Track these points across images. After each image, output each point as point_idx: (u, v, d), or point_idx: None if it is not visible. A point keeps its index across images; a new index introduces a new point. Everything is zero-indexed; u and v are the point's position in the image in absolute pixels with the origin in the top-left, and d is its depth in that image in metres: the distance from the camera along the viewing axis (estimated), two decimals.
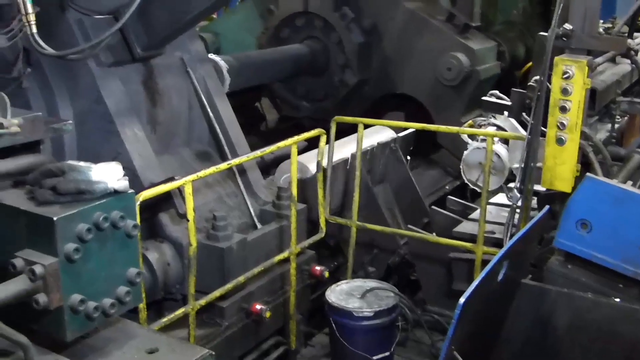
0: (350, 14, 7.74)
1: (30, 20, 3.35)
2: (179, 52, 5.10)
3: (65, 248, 2.57)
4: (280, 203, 4.97)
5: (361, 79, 7.95)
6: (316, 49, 7.94)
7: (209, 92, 5.20)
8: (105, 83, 4.47)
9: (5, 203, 2.73)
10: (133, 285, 2.86)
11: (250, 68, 6.85)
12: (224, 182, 5.03)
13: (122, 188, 2.76)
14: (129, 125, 4.52)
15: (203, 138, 5.20)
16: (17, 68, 4.05)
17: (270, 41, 8.18)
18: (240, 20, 8.85)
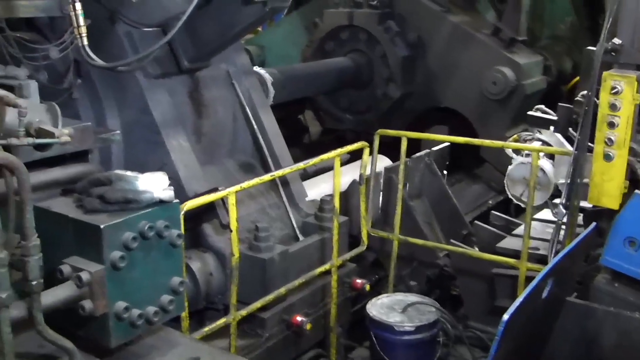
0: (395, 28, 7.74)
1: (82, 33, 3.43)
2: (225, 64, 5.16)
3: (111, 256, 2.62)
4: (323, 215, 4.97)
5: (405, 93, 7.93)
6: (360, 62, 7.96)
7: (254, 104, 5.25)
8: (153, 94, 4.55)
9: (54, 210, 2.79)
10: (176, 294, 2.89)
11: (295, 81, 6.89)
12: (266, 194, 5.06)
13: (167, 198, 2.79)
14: (175, 136, 4.58)
15: (247, 149, 5.24)
16: (68, 79, 4.14)
17: (315, 54, 8.22)
18: (285, 33, 8.92)
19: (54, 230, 2.74)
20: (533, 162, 4.80)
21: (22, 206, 2.46)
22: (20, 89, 3.15)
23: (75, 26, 3.42)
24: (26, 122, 2.57)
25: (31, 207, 2.47)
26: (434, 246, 5.54)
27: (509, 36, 7.56)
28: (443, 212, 6.20)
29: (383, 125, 6.18)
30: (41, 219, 2.56)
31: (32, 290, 2.47)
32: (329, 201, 4.95)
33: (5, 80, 3.32)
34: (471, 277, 5.50)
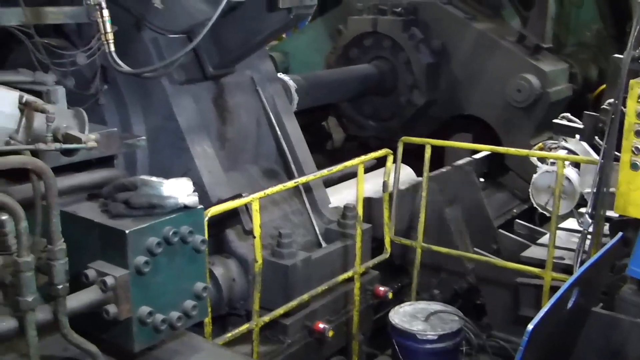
0: (419, 35, 7.73)
1: (109, 39, 3.47)
2: (249, 70, 5.18)
3: (135, 261, 2.63)
4: (345, 222, 4.96)
5: (429, 100, 7.91)
6: (384, 69, 7.95)
7: (277, 110, 5.26)
8: (178, 100, 4.58)
9: (80, 215, 2.82)
10: (200, 300, 2.90)
11: (319, 87, 6.90)
12: (290, 200, 5.06)
13: (191, 204, 2.81)
14: (199, 142, 4.61)
15: (270, 156, 5.24)
16: (95, 85, 4.18)
17: (339, 61, 8.24)
18: (309, 40, 8.95)
19: (79, 234, 2.76)
20: (558, 171, 4.76)
21: (49, 210, 2.48)
22: (48, 94, 3.19)
23: (103, 32, 3.45)
24: (54, 127, 2.60)
25: (58, 212, 2.49)
26: (458, 255, 5.51)
27: (534, 43, 7.52)
28: (475, 223, 6.12)
29: (406, 133, 6.16)
30: (67, 224, 2.59)
31: (58, 294, 2.49)
32: (352, 208, 4.94)
33: (33, 86, 3.37)
34: (495, 286, 5.46)
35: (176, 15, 4.74)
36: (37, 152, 2.61)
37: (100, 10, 3.39)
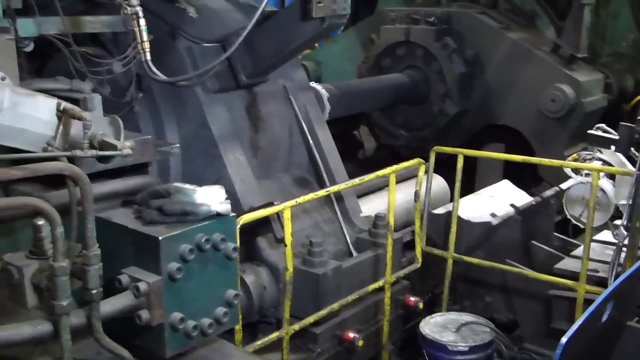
0: (452, 44, 7.70)
1: (145, 48, 3.52)
2: (282, 79, 5.21)
3: (168, 267, 2.66)
4: (377, 231, 4.95)
5: (461, 109, 7.87)
6: (417, 78, 7.93)
7: (310, 119, 5.28)
8: (211, 109, 4.62)
9: (114, 221, 2.85)
10: (231, 307, 2.91)
11: (351, 96, 6.91)
12: (321, 209, 5.07)
13: (224, 211, 2.83)
14: (232, 150, 4.64)
15: (302, 164, 5.26)
16: (130, 93, 4.24)
17: (371, 70, 8.23)
18: (342, 49, 8.97)
19: (113, 240, 2.79)
20: (593, 182, 4.70)
21: (84, 216, 2.52)
22: (85, 102, 3.24)
23: (139, 41, 3.51)
24: (90, 134, 2.64)
25: (93, 218, 2.53)
26: (491, 266, 5.45)
27: (569, 53, 7.45)
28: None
29: (439, 142, 6.14)
30: (101, 229, 2.62)
31: (92, 298, 2.52)
32: (383, 217, 4.93)
33: (71, 94, 3.43)
34: (527, 298, 5.40)
35: (211, 24, 4.79)
36: (74, 159, 2.65)
37: (137, 20, 3.44)
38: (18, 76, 2.96)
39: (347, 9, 4.43)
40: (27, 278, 2.63)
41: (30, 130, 2.62)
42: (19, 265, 2.63)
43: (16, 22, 3.35)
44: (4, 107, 2.53)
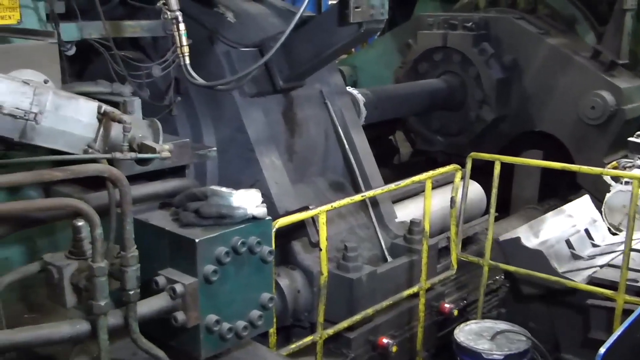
0: (490, 50, 7.64)
1: (184, 52, 3.55)
2: (319, 84, 5.22)
3: (204, 269, 2.68)
4: (412, 237, 4.93)
5: (498, 116, 7.80)
6: (453, 84, 7.88)
7: (346, 123, 5.28)
8: (248, 113, 4.65)
9: (152, 223, 2.88)
10: (265, 310, 2.92)
11: (387, 101, 6.89)
12: (356, 213, 5.06)
13: (260, 214, 2.84)
14: (268, 154, 4.67)
15: (338, 168, 5.27)
16: (169, 97, 4.28)
17: (408, 75, 8.21)
18: (378, 54, 8.95)
19: (151, 242, 2.83)
20: (633, 190, 4.62)
21: (122, 218, 2.55)
22: (125, 105, 3.29)
23: (178, 45, 3.54)
24: (130, 137, 2.67)
25: (131, 219, 2.56)
26: (527, 274, 5.40)
27: (610, 59, 7.33)
28: None
29: (475, 148, 6.10)
30: (139, 231, 2.65)
31: (129, 299, 2.55)
32: (418, 223, 4.90)
33: (111, 97, 3.48)
34: (564, 307, 5.32)
35: (248, 29, 4.82)
36: (113, 161, 2.69)
37: (177, 24, 3.47)
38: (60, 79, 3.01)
39: (384, 14, 4.42)
40: (66, 278, 2.66)
41: (72, 132, 2.66)
42: (58, 265, 2.67)
43: (59, 27, 3.41)
44: (47, 109, 2.57)
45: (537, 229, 5.58)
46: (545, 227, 5.64)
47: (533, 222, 5.56)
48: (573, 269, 5.37)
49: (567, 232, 5.63)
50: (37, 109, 2.53)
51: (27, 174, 2.53)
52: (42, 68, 2.88)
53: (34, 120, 2.53)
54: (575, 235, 5.65)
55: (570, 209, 5.91)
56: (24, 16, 3.35)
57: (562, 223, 5.75)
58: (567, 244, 5.61)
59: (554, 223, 5.71)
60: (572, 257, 5.57)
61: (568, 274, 5.19)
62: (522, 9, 8.25)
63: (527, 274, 5.40)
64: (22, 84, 2.54)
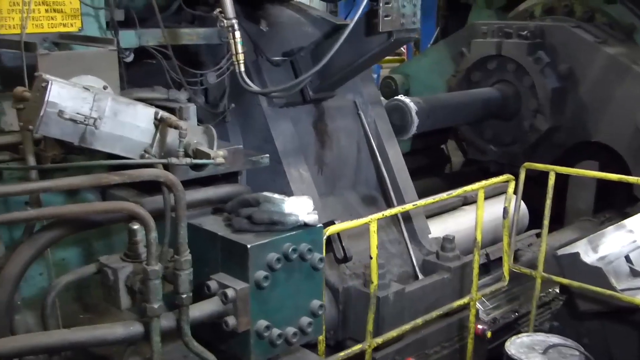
0: (545, 58, 7.52)
1: (240, 60, 3.58)
2: (352, 94, 5.10)
3: (256, 275, 2.71)
4: (445, 254, 4.74)
5: (553, 125, 7.66)
6: (507, 93, 7.78)
7: (379, 135, 5.15)
8: (276, 123, 4.56)
9: (205, 228, 2.93)
10: (315, 317, 2.94)
11: (440, 110, 6.83)
12: (387, 228, 4.90)
13: (311, 221, 2.86)
14: (295, 166, 4.56)
15: (370, 182, 5.13)
16: (223, 104, 4.31)
17: (461, 84, 8.14)
18: (431, 62, 8.89)
19: (203, 246, 2.87)
20: None
21: (177, 222, 2.60)
22: (181, 111, 3.34)
23: (234, 53, 3.57)
24: (185, 143, 2.72)
25: (185, 224, 2.61)
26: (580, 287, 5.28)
27: None
28: None
29: (529, 159, 6.01)
30: (192, 235, 2.70)
31: (182, 302, 2.59)
32: (451, 239, 4.74)
33: (168, 103, 3.54)
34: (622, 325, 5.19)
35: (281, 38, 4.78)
36: (169, 166, 2.74)
37: (233, 32, 3.51)
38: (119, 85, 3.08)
39: (416, 23, 4.28)
40: (121, 280, 2.72)
41: (129, 137, 2.72)
42: (114, 267, 2.73)
43: (119, 34, 3.49)
44: (106, 115, 2.63)
45: (596, 243, 5.44)
46: (604, 242, 5.50)
47: (592, 237, 5.43)
48: (632, 286, 5.23)
49: (627, 248, 5.48)
50: (96, 114, 2.60)
51: (86, 178, 2.60)
52: (101, 74, 2.96)
53: (94, 125, 2.59)
54: (635, 251, 5.50)
55: (631, 224, 5.75)
56: (85, 24, 3.45)
57: (622, 238, 5.60)
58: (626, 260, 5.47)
59: (613, 238, 5.57)
60: (632, 274, 5.43)
61: (627, 292, 5.06)
62: (579, 18, 8.10)
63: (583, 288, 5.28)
64: (83, 90, 2.60)
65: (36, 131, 2.58)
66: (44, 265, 3.32)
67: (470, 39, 8.10)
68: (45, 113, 2.52)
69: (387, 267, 4.39)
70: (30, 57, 3.02)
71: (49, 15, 3.34)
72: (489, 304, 5.26)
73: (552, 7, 8.29)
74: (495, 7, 9.14)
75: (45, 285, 3.31)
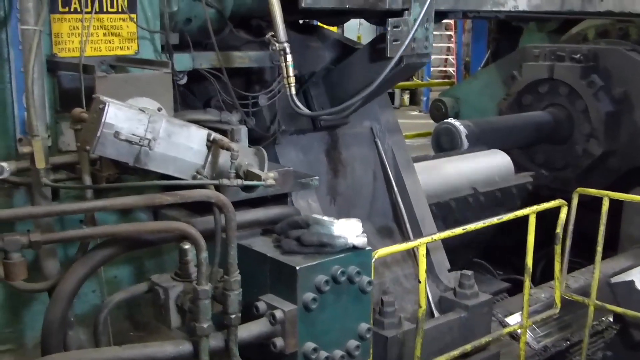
0: (599, 82, 7.41)
1: (291, 83, 3.60)
2: (368, 121, 4.98)
3: (304, 297, 2.71)
4: (463, 291, 4.38)
5: (607, 150, 7.52)
6: (560, 116, 7.68)
7: (397, 164, 5.01)
8: (284, 151, 4.45)
9: (254, 249, 2.95)
10: (363, 341, 2.92)
11: (490, 134, 6.78)
12: (403, 262, 4.74)
13: (360, 244, 2.86)
14: (303, 195, 4.36)
15: (387, 212, 4.97)
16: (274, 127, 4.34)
17: (512, 107, 8.06)
18: (482, 85, 8.84)
19: (252, 267, 2.89)
20: None
21: (227, 243, 2.62)
22: (232, 133, 3.39)
23: (285, 76, 3.61)
24: (237, 164, 2.75)
25: (235, 244, 2.63)
26: (635, 316, 5.14)
27: None
28: None
29: (581, 184, 5.90)
30: (242, 256, 2.72)
31: (231, 323, 2.61)
32: (470, 276, 4.42)
33: (220, 125, 3.59)
34: None
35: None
36: (220, 187, 2.77)
37: (285, 55, 3.54)
38: (173, 107, 3.14)
39: (428, 47, 4.10)
40: (172, 299, 2.76)
41: (182, 158, 2.77)
42: (165, 286, 2.77)
43: (173, 57, 3.57)
44: (160, 136, 2.69)
45: None
46: None
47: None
48: None
49: None
50: (151, 136, 2.65)
51: (140, 198, 2.65)
52: (156, 96, 3.02)
53: (148, 146, 2.64)
54: None
55: None
56: (141, 47, 3.54)
57: None
58: None
59: None
60: None
61: None
62: (634, 41, 7.98)
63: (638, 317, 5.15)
64: (139, 112, 2.66)
65: (93, 151, 2.64)
66: (96, 282, 3.38)
67: (522, 62, 8.04)
68: (102, 134, 2.58)
69: (401, 303, 4.22)
70: (88, 79, 3.10)
71: (106, 38, 3.43)
72: (540, 332, 5.14)
73: (606, 30, 8.18)
74: (547, 30, 9.05)
75: (97, 302, 3.38)
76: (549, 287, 5.47)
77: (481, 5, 4.67)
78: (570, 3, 5.40)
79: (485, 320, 4.46)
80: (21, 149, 3.05)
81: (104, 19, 3.39)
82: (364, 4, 3.95)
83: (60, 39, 3.27)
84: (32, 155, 2.88)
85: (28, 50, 2.86)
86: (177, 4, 3.66)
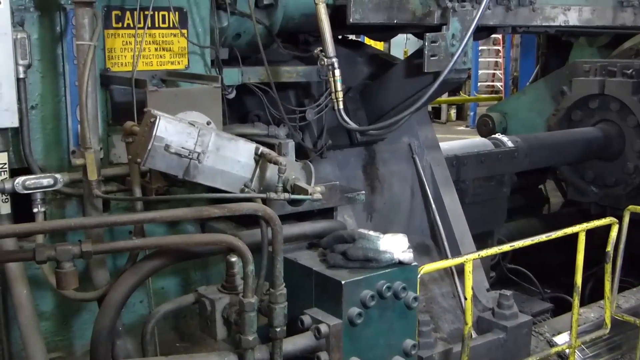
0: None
1: (339, 98, 3.61)
2: (407, 137, 4.96)
3: (349, 311, 2.71)
4: (501, 312, 4.36)
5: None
6: (610, 132, 7.54)
7: (435, 181, 4.97)
8: (319, 166, 4.38)
9: (300, 262, 2.96)
10: (408, 357, 2.90)
11: (539, 150, 6.69)
12: (440, 281, 4.69)
13: (406, 260, 2.85)
14: (340, 211, 4.19)
15: (424, 229, 4.93)
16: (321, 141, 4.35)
17: (561, 123, 7.94)
18: (530, 101, 8.75)
19: (298, 281, 2.90)
20: None
21: (273, 256, 2.64)
22: (280, 147, 3.41)
23: (333, 91, 3.61)
24: (284, 178, 2.77)
25: (281, 258, 2.65)
26: None
27: None
28: None
29: (632, 201, 5.78)
30: (288, 269, 2.73)
31: (276, 336, 2.62)
32: (509, 296, 4.39)
33: (268, 139, 3.63)
34: None
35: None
36: (267, 201, 2.79)
37: (333, 70, 3.55)
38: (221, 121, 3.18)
39: (467, 63, 4.07)
40: (218, 311, 2.78)
41: (230, 172, 2.79)
42: (211, 298, 2.80)
43: (222, 72, 3.62)
44: (209, 149, 2.72)
45: None
46: None
47: None
48: None
49: None
50: (200, 149, 2.69)
51: (189, 210, 2.69)
52: (205, 110, 3.06)
53: (197, 159, 2.68)
54: None
55: None
56: (191, 62, 3.60)
57: None
58: None
59: None
60: None
61: None
62: None
63: None
64: (188, 125, 2.70)
65: (143, 164, 2.68)
66: (144, 293, 3.44)
67: (572, 77, 7.93)
68: (153, 147, 2.62)
69: (437, 322, 4.18)
70: (140, 93, 3.16)
71: (158, 53, 3.50)
72: (589, 352, 5.03)
73: None
74: (597, 45, 8.91)
75: (144, 313, 3.43)
76: (599, 306, 5.36)
77: (531, 20, 4.62)
78: (623, 17, 5.32)
79: (524, 341, 4.37)
80: (74, 160, 3.13)
81: (155, 34, 3.46)
82: (412, 19, 3.95)
83: (113, 54, 3.36)
84: (85, 167, 2.94)
85: (82, 64, 2.93)
86: (226, 20, 3.72)
